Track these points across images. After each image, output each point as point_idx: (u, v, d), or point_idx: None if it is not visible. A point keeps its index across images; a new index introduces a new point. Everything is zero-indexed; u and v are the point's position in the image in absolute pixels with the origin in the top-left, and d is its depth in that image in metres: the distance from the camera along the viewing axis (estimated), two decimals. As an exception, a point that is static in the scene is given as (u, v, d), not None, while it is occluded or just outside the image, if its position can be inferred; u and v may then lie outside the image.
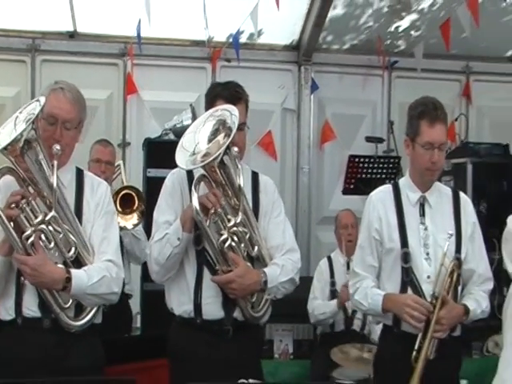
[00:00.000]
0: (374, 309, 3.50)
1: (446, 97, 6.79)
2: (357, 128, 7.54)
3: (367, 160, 6.53)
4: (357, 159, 6.54)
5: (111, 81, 6.96)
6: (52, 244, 2.98)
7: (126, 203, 4.88)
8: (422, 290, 3.44)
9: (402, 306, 3.37)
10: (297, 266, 3.45)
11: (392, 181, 6.04)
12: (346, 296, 5.21)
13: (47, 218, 2.95)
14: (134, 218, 4.93)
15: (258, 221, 3.41)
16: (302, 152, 7.45)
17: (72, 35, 6.81)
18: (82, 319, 3.06)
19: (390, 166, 6.54)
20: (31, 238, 2.92)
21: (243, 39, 7.01)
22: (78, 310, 3.06)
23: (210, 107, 3.36)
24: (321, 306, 5.54)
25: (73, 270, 2.99)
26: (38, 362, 2.94)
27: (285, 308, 3.61)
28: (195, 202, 3.14)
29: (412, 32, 7.37)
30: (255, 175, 3.54)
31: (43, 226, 2.95)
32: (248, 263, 3.29)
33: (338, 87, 7.51)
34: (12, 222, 2.91)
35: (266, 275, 3.29)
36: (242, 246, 3.28)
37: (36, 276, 2.91)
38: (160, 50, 7.04)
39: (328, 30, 7.20)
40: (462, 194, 3.69)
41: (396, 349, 3.46)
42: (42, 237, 2.96)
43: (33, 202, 2.96)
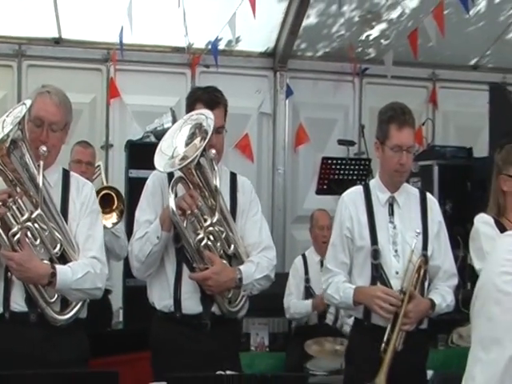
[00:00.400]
0: (345, 302, 3.51)
1: (413, 102, 6.82)
2: (329, 131, 7.56)
3: (339, 162, 6.53)
4: (329, 161, 6.54)
5: (95, 85, 6.91)
6: (38, 241, 2.97)
7: (106, 203, 4.85)
8: (390, 285, 3.45)
9: (372, 297, 3.39)
10: (272, 263, 3.45)
11: (363, 182, 6.09)
12: (321, 306, 5.31)
13: (33, 216, 2.94)
14: (113, 217, 4.92)
15: (236, 220, 3.41)
16: (278, 154, 7.45)
17: (57, 41, 6.76)
18: (67, 314, 3.05)
19: (361, 167, 6.55)
20: (17, 235, 2.91)
21: (221, 46, 7.00)
22: (64, 305, 3.05)
23: (190, 110, 3.35)
24: (296, 305, 5.54)
25: (58, 266, 2.97)
26: (25, 355, 2.92)
27: (261, 303, 3.62)
28: (171, 204, 3.14)
29: (382, 41, 7.40)
30: (233, 176, 3.54)
31: (29, 224, 2.94)
32: (224, 261, 3.29)
33: (312, 92, 7.52)
34: (-1, 220, 2.89)
35: (241, 272, 3.30)
36: (219, 244, 3.28)
37: (22, 271, 2.91)
38: (142, 56, 7.01)
39: (302, 37, 7.21)
40: (428, 195, 3.71)
41: (366, 341, 3.48)
42: (28, 234, 2.95)
43: (19, 200, 2.94)
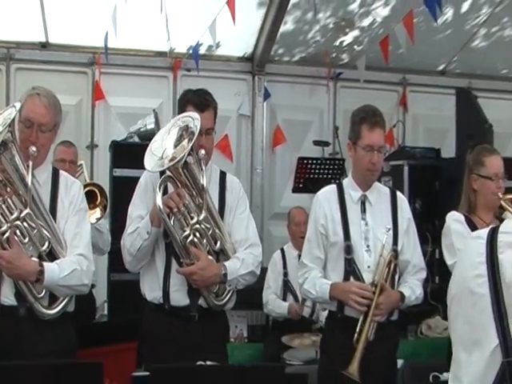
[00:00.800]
0: (321, 297, 3.54)
1: (385, 105, 6.87)
2: (305, 133, 7.56)
3: (315, 162, 6.55)
4: (305, 161, 6.55)
5: (80, 88, 6.87)
6: (26, 239, 2.97)
7: (90, 199, 4.85)
8: (362, 279, 3.47)
9: (347, 293, 3.41)
10: (258, 259, 3.46)
11: (337, 181, 6.10)
12: (296, 316, 5.39)
13: (22, 215, 2.94)
14: (97, 213, 4.91)
15: (224, 217, 3.42)
16: (256, 154, 7.45)
17: (44, 45, 6.71)
18: (54, 308, 3.05)
19: (335, 167, 6.56)
20: (7, 234, 2.91)
21: (202, 51, 6.98)
22: (52, 300, 3.05)
23: (182, 111, 3.37)
24: (274, 304, 5.56)
25: (45, 264, 2.97)
26: (14, 347, 2.92)
27: (240, 296, 3.63)
28: (158, 201, 3.15)
29: (355, 47, 7.42)
30: (223, 175, 3.56)
31: (18, 223, 2.94)
32: (211, 257, 3.30)
33: (289, 95, 7.52)
34: (-12, 219, 2.88)
35: (225, 268, 3.31)
36: (205, 241, 3.29)
37: (11, 268, 2.90)
38: (126, 60, 6.98)
39: (279, 43, 7.21)
40: (398, 193, 3.73)
41: (339, 332, 3.51)
42: (17, 232, 2.94)
43: (9, 200, 2.94)
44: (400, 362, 3.99)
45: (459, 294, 1.71)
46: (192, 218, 3.25)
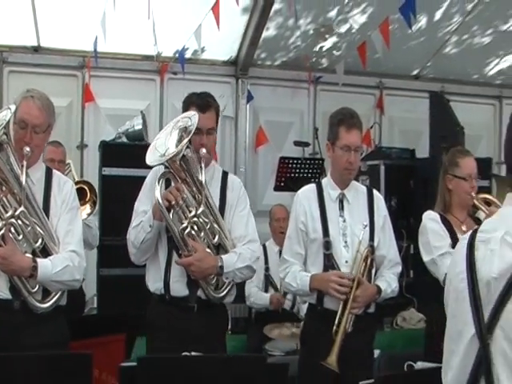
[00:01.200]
0: (302, 289, 3.55)
1: (362, 108, 6.93)
2: (286, 133, 7.57)
3: (295, 161, 6.55)
4: (286, 160, 6.55)
5: (71, 90, 6.84)
6: (21, 236, 2.97)
7: (79, 196, 4.86)
8: (341, 273, 3.49)
9: (327, 282, 3.43)
10: (255, 255, 3.47)
11: (317, 180, 6.13)
12: (277, 305, 5.44)
13: (17, 213, 2.94)
14: (87, 209, 4.93)
15: (224, 214, 3.43)
16: (239, 154, 7.44)
17: (36, 49, 6.67)
18: (47, 302, 3.05)
19: (315, 166, 6.57)
20: (2, 231, 2.92)
21: (188, 55, 6.97)
22: (45, 294, 3.05)
23: (186, 111, 3.40)
24: (257, 295, 5.57)
25: (39, 260, 2.98)
26: (9, 339, 2.92)
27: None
28: (157, 194, 3.18)
29: (334, 52, 7.43)
30: (225, 174, 3.57)
31: (13, 220, 2.94)
32: (208, 250, 3.31)
33: (271, 98, 7.52)
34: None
35: (222, 261, 3.32)
36: (202, 234, 3.30)
37: (5, 264, 2.90)
38: (114, 64, 6.94)
39: (262, 48, 7.21)
40: (375, 192, 3.75)
41: (319, 324, 3.52)
42: (12, 229, 2.95)
43: (4, 198, 2.94)
44: (377, 352, 4.03)
45: (447, 290, 1.80)
46: (190, 212, 3.26)
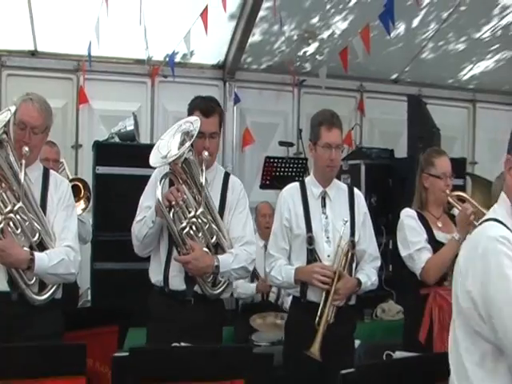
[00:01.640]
0: (287, 281, 3.56)
1: (344, 110, 7.01)
2: (272, 134, 7.57)
3: (280, 161, 6.55)
4: (272, 160, 6.55)
5: (66, 92, 6.82)
6: (19, 230, 2.98)
7: (74, 192, 4.86)
8: (323, 267, 3.50)
9: (310, 273, 3.44)
10: (251, 257, 3.46)
11: (300, 178, 6.14)
12: (264, 289, 5.46)
13: (15, 209, 2.95)
14: (81, 204, 4.94)
15: (224, 215, 3.42)
16: (227, 154, 7.41)
17: (33, 53, 6.65)
18: (44, 294, 3.06)
19: (299, 166, 6.58)
20: (1, 225, 2.93)
21: (178, 59, 6.94)
22: (41, 287, 3.06)
23: (190, 115, 3.40)
24: (243, 286, 5.56)
25: (36, 253, 2.98)
26: (6, 330, 2.92)
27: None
28: (158, 194, 3.19)
29: (317, 56, 7.44)
30: (227, 176, 3.55)
31: (12, 215, 2.95)
32: (206, 249, 3.31)
33: (257, 100, 7.52)
34: (-16, 212, 2.88)
35: (218, 261, 3.32)
36: (200, 234, 3.30)
37: (4, 256, 2.91)
38: (107, 67, 6.92)
39: (248, 52, 7.21)
40: (355, 190, 3.77)
41: (302, 315, 3.54)
42: (11, 224, 2.96)
43: (3, 194, 2.95)
44: (357, 342, 4.04)
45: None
46: (190, 212, 3.26)
